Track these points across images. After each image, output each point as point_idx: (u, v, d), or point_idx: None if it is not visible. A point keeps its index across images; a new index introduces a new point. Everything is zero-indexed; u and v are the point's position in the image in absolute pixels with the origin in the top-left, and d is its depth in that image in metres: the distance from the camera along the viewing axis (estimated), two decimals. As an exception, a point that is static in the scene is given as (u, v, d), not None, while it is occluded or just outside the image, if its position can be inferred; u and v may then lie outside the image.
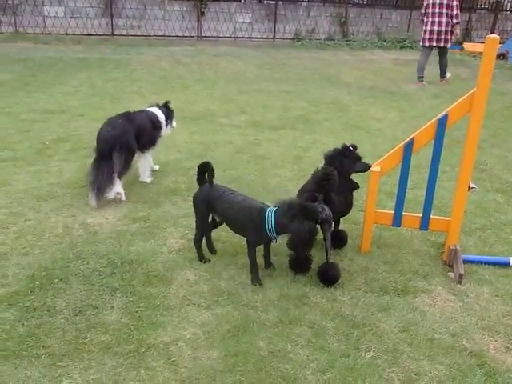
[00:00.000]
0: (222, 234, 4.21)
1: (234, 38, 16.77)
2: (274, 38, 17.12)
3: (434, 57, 11.40)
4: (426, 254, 4.18)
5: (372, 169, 3.95)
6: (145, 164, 5.30)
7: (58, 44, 13.97)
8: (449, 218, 4.02)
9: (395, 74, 12.57)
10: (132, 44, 14.57)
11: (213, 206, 3.69)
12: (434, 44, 10.94)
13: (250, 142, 6.83)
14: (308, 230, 3.30)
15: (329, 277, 3.60)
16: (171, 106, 5.47)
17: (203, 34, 16.44)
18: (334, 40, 17.35)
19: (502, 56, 15.55)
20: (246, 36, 16.93)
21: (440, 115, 3.76)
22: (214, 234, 4.07)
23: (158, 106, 5.41)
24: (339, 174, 3.75)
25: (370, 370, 2.85)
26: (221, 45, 15.47)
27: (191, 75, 11.05)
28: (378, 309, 3.40)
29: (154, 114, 5.25)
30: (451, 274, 3.88)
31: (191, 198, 3.86)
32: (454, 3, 10.62)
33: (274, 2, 17.18)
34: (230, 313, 3.25)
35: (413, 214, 4.12)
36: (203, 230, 3.84)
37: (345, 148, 4.01)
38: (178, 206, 4.78)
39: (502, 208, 5.14)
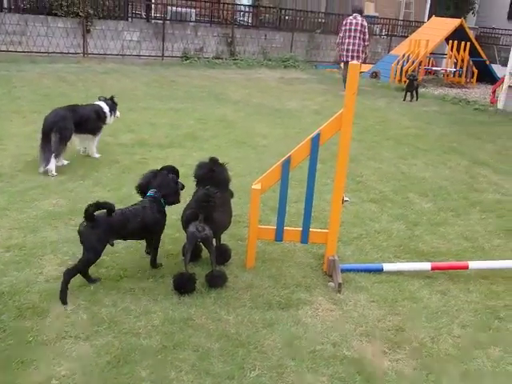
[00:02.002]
0: (105, 259, 3.97)
1: (122, 55, 16.31)
2: (162, 56, 16.89)
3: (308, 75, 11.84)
4: (308, 266, 4.24)
5: (253, 186, 3.95)
6: (92, 145, 6.61)
7: None
8: (327, 231, 4.11)
9: (280, 92, 12.90)
10: (12, 60, 13.64)
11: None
12: (349, 59, 12.52)
13: (136, 161, 6.61)
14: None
15: (216, 279, 3.72)
16: (116, 100, 6.68)
17: (89, 51, 15.82)
18: (221, 59, 17.48)
19: (374, 74, 16.58)
20: (135, 54, 16.54)
21: (313, 134, 3.86)
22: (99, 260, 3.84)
23: (105, 99, 6.66)
24: (218, 185, 3.77)
25: (254, 389, 2.78)
26: (108, 62, 14.97)
27: (76, 93, 10.52)
28: (263, 325, 3.36)
29: (99, 107, 6.53)
30: (331, 284, 3.96)
31: (73, 222, 3.59)
32: (366, 30, 12.84)
33: (161, 22, 16.99)
34: (110, 343, 3.03)
35: (293, 229, 4.17)
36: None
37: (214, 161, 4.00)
38: (58, 231, 4.45)
39: (376, 217, 5.38)
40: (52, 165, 5.86)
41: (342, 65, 14.00)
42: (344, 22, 13.05)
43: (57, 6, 15.23)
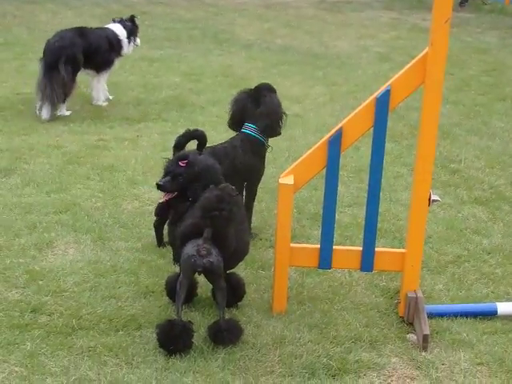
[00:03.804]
0: (47, 301, 4.13)
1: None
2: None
3: None
4: (374, 309, 4.28)
5: (281, 180, 4.01)
6: (98, 86, 7.82)
7: None
8: (403, 250, 4.17)
9: (321, 25, 12.97)
10: None
11: None
12: None
13: (89, 144, 6.74)
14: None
15: (226, 333, 3.80)
16: (138, 21, 8.04)
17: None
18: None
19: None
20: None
21: (379, 92, 3.88)
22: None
23: (121, 21, 7.94)
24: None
25: None
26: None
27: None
28: (303, 405, 3.48)
29: (112, 33, 7.76)
30: (412, 337, 4.01)
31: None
32: None
33: None
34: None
35: (348, 248, 4.23)
36: None
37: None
38: None
39: (484, 228, 5.42)
40: (64, 109, 7.58)
41: None
42: None
43: None
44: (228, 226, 3.71)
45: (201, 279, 4.14)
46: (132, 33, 8.00)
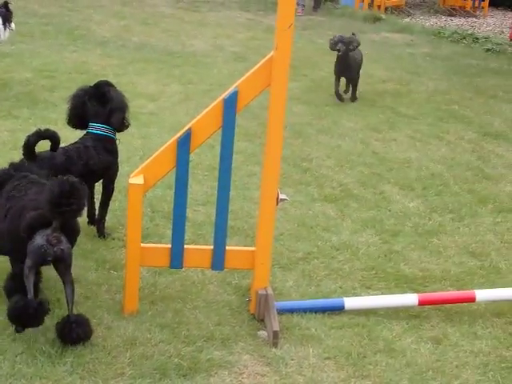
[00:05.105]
0: None
1: None
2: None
3: None
4: (226, 307, 4.34)
5: (131, 180, 3.99)
6: None
7: None
8: (253, 248, 4.23)
9: (178, 23, 12.95)
10: None
11: None
12: None
13: None
14: None
15: (74, 338, 3.76)
16: (11, 6, 8.14)
17: None
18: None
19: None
20: None
21: (227, 92, 3.94)
22: None
23: None
24: None
25: None
26: None
27: None
28: (152, 405, 3.47)
29: None
30: (262, 333, 4.08)
31: None
32: None
33: None
34: None
35: (200, 247, 4.28)
36: None
37: None
38: None
39: (333, 224, 5.59)
40: None
41: None
42: None
43: None
44: (76, 217, 3.77)
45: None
46: (6, 19, 8.09)
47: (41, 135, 4.49)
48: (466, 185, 6.65)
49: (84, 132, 5.02)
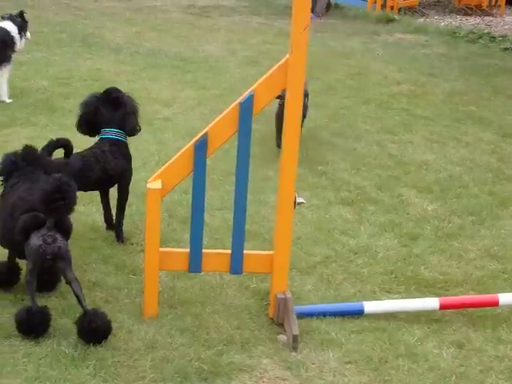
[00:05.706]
0: None
1: None
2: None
3: None
4: (245, 311, 4.35)
5: (149, 185, 4.00)
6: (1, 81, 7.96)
7: None
8: (271, 252, 4.22)
9: (190, 29, 12.94)
10: None
11: None
12: None
13: None
14: None
15: (94, 331, 3.86)
16: (26, 15, 8.17)
17: None
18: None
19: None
20: None
21: (242, 97, 3.94)
22: None
23: (10, 17, 7.98)
24: None
25: None
26: None
27: None
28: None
29: (4, 30, 7.83)
30: (282, 337, 4.09)
31: None
32: None
33: None
34: None
35: (218, 251, 4.28)
36: None
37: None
38: None
39: (350, 228, 5.56)
40: None
41: None
42: None
43: None
44: (70, 212, 3.91)
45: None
46: (22, 28, 8.11)
47: (54, 146, 4.70)
48: (486, 187, 6.59)
49: (95, 138, 5.10)
